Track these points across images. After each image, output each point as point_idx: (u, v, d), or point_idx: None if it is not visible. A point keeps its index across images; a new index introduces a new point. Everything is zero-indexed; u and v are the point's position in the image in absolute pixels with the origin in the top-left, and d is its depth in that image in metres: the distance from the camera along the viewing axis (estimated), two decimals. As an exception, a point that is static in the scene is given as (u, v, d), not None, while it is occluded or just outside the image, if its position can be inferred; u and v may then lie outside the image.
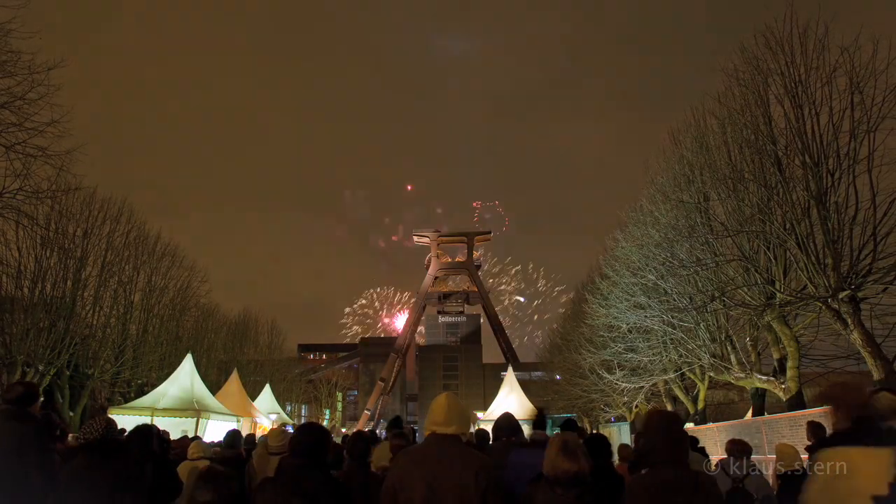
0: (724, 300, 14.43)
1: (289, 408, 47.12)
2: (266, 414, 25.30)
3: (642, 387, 20.86)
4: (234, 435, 7.22)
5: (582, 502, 2.97)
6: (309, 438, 3.19)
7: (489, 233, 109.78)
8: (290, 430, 17.41)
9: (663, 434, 3.02)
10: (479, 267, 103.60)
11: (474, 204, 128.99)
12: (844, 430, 2.65)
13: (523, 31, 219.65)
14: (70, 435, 8.76)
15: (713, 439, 16.58)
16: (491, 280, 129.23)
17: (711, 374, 17.76)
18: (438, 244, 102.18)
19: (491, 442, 5.19)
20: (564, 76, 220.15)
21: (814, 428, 7.64)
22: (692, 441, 7.86)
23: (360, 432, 4.81)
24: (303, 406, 62.09)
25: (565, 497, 2.97)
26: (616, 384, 21.28)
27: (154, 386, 21.62)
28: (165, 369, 24.60)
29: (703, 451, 7.55)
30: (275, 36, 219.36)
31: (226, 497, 3.23)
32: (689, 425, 19.29)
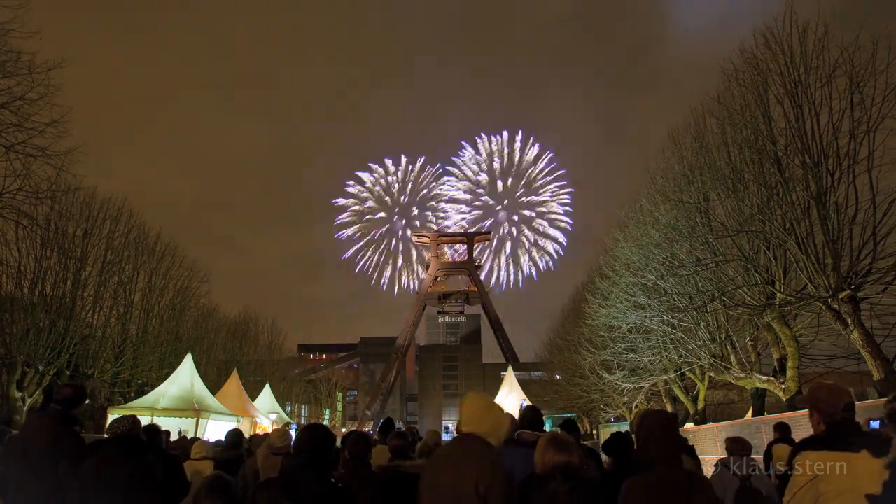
0: (724, 300, 14.43)
1: (289, 408, 47.11)
2: (266, 414, 25.28)
3: (642, 387, 20.87)
4: (236, 435, 7.12)
5: (576, 496, 2.94)
6: (310, 440, 3.13)
7: (489, 233, 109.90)
8: (294, 429, 17.40)
9: (658, 434, 3.02)
10: (478, 267, 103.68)
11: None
12: (820, 433, 2.70)
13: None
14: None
15: (713, 439, 16.58)
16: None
17: (711, 374, 17.76)
18: (438, 244, 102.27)
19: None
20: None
21: (780, 428, 7.99)
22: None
23: (360, 433, 4.80)
24: (303, 406, 62.05)
25: (558, 492, 2.95)
26: (616, 384, 21.29)
27: (154, 386, 21.61)
28: (165, 369, 24.58)
29: (692, 452, 7.58)
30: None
31: (233, 502, 3.23)
32: (689, 425, 19.31)
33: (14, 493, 4.01)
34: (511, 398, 26.82)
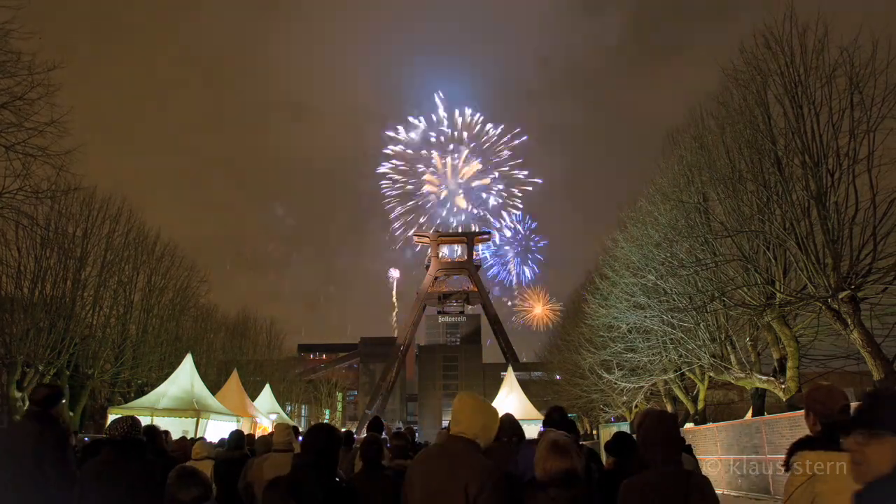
0: (724, 300, 14.44)
1: (289, 408, 47.09)
2: (266, 414, 25.27)
3: (642, 387, 20.88)
4: (238, 435, 7.10)
5: (577, 503, 2.93)
6: (315, 440, 3.17)
7: (489, 232, 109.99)
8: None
9: (657, 434, 3.01)
10: (478, 267, 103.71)
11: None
12: (816, 434, 2.72)
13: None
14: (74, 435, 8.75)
15: (713, 439, 16.59)
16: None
17: (711, 374, 17.77)
18: (438, 244, 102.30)
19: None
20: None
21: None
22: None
23: (372, 436, 4.80)
24: (303, 406, 62.02)
25: (560, 498, 2.93)
26: (616, 384, 21.30)
27: (154, 386, 21.60)
28: (165, 369, 24.58)
29: (690, 451, 7.54)
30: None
31: (209, 490, 3.26)
32: (689, 425, 19.32)
33: (1, 494, 4.02)
34: (511, 398, 26.82)
